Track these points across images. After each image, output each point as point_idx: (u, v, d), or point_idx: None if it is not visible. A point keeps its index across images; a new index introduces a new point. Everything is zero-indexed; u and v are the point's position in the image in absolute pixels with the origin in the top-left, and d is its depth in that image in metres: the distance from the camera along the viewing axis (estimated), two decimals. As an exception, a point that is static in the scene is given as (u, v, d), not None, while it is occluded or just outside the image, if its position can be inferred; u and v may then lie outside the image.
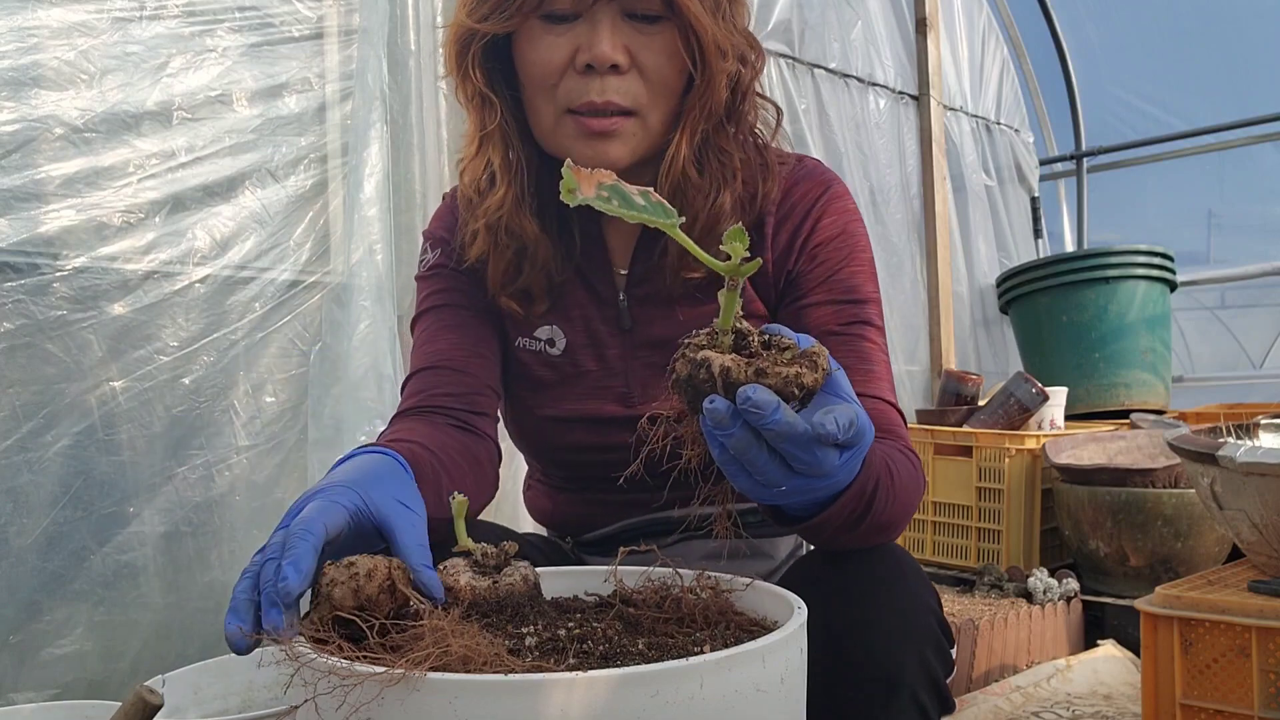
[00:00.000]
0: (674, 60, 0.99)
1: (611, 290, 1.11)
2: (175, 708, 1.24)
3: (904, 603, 0.88)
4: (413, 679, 0.57)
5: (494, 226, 1.05)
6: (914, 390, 3.41)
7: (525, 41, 0.99)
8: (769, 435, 0.66)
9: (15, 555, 1.53)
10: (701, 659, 0.59)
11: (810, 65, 3.09)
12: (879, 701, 0.85)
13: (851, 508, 0.81)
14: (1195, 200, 4.19)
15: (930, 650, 0.88)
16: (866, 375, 1.02)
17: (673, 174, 1.02)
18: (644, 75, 0.99)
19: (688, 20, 0.96)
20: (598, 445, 1.12)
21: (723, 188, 1.03)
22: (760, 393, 0.64)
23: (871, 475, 0.81)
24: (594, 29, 0.96)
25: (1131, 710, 1.92)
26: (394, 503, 0.77)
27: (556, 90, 0.99)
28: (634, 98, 0.99)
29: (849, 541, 0.88)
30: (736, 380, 0.66)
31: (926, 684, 0.87)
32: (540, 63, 0.99)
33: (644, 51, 0.98)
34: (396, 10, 1.98)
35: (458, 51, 1.03)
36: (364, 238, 1.86)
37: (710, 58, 0.99)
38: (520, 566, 0.75)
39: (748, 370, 0.66)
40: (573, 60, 0.97)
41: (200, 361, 1.73)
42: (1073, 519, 2.42)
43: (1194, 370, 4.00)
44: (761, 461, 0.67)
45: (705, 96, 1.01)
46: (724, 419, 0.65)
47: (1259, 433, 1.80)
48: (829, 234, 1.07)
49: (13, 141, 1.54)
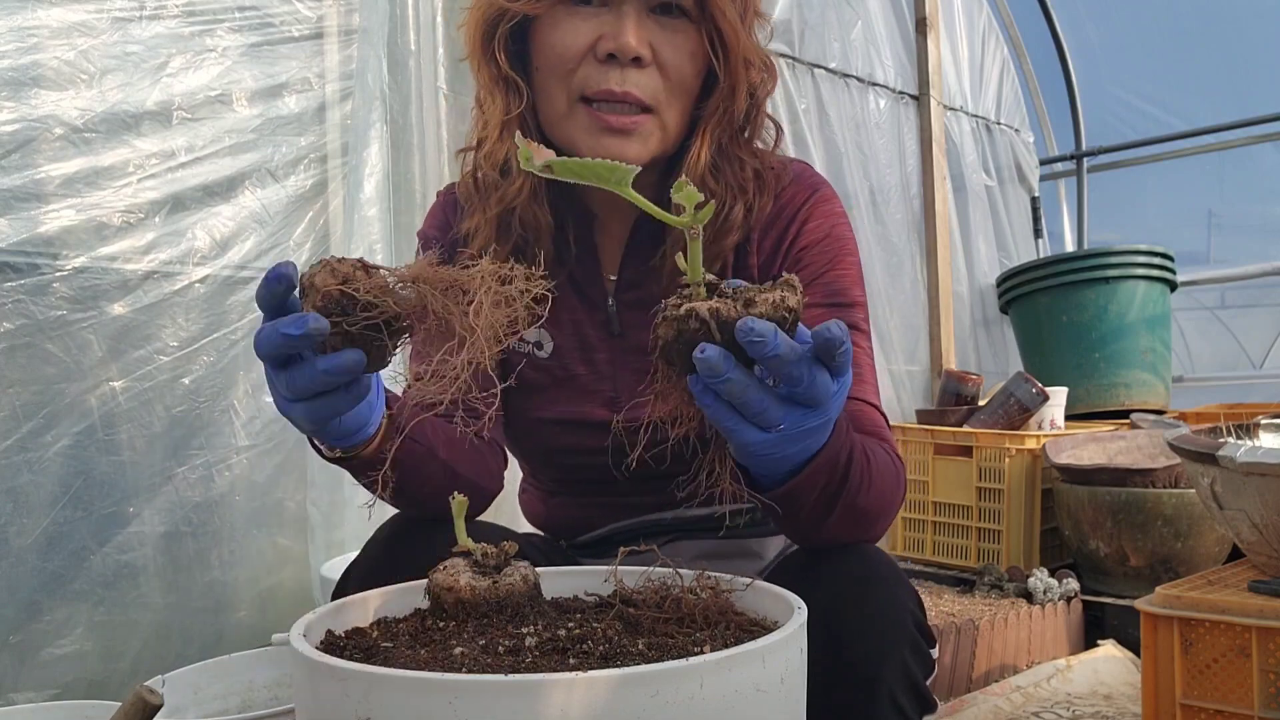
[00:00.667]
0: (694, 60, 0.99)
1: (601, 295, 1.11)
2: (175, 708, 1.24)
3: (881, 605, 0.88)
4: (413, 678, 0.57)
5: (507, 216, 1.04)
6: (914, 390, 3.41)
7: (549, 23, 0.98)
8: (773, 363, 0.66)
9: (15, 555, 1.53)
10: (701, 659, 0.59)
11: (810, 65, 3.09)
12: (858, 703, 0.85)
13: (827, 476, 0.81)
14: (1195, 200, 4.19)
15: (908, 651, 0.88)
16: (853, 379, 1.01)
17: (692, 179, 1.00)
18: (664, 71, 0.98)
19: (717, 24, 0.96)
20: (586, 448, 1.12)
21: (736, 198, 1.03)
22: (759, 322, 0.65)
23: (845, 443, 0.81)
24: (620, 19, 0.96)
25: (1131, 710, 1.92)
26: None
27: (573, 76, 0.98)
28: (653, 93, 0.98)
29: (829, 530, 0.88)
30: (729, 317, 0.66)
31: (905, 685, 0.87)
32: (561, 45, 0.98)
33: (666, 48, 0.97)
34: (396, 10, 1.98)
35: (484, 33, 1.01)
36: (364, 238, 1.86)
37: (736, 64, 0.99)
38: (520, 566, 0.75)
39: (737, 306, 0.66)
40: (594, 47, 0.97)
41: (200, 361, 1.73)
42: (1073, 519, 2.42)
43: (1194, 370, 4.00)
44: (758, 400, 0.68)
45: (728, 102, 1.00)
46: (718, 365, 0.66)
47: (1259, 433, 1.80)
48: (815, 237, 1.06)
49: (13, 141, 1.54)
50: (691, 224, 0.69)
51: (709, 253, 1.03)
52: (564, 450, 1.14)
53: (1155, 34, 4.12)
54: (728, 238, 1.03)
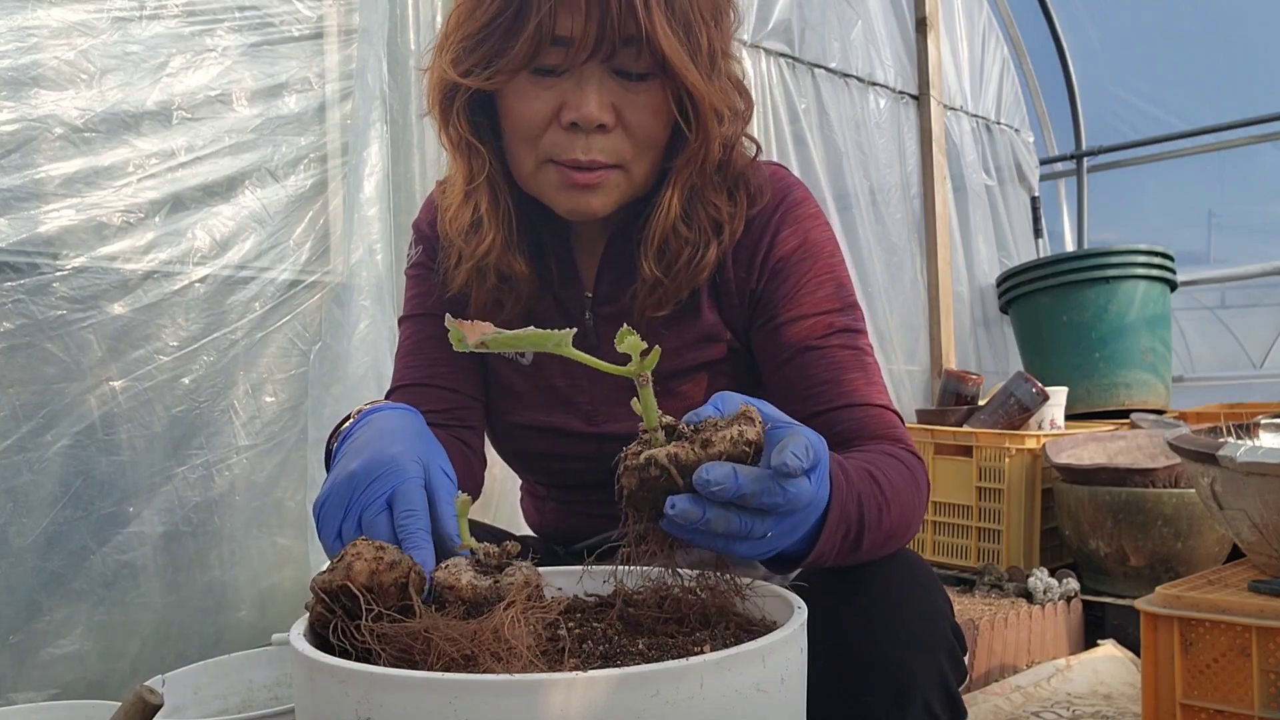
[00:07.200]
0: (659, 116, 0.97)
1: (579, 309, 1.11)
2: (175, 708, 1.24)
3: (920, 610, 0.88)
4: (413, 678, 0.57)
5: (483, 268, 1.05)
6: (914, 390, 3.40)
7: (511, 92, 0.97)
8: (742, 500, 0.66)
9: (15, 555, 1.53)
10: (701, 659, 0.59)
11: (810, 65, 3.09)
12: (892, 709, 0.85)
13: (843, 532, 0.80)
14: (1195, 200, 4.19)
15: (944, 657, 0.87)
16: (855, 383, 1.00)
17: (661, 230, 1.00)
18: (629, 132, 0.96)
19: (684, 84, 0.94)
20: (565, 455, 1.13)
21: (710, 240, 1.02)
22: (714, 470, 0.64)
23: (851, 495, 0.80)
24: (580, 86, 0.93)
25: (1131, 710, 1.92)
26: (443, 475, 0.84)
27: (539, 141, 0.97)
28: (619, 154, 0.97)
29: (861, 559, 0.87)
30: (688, 462, 0.65)
31: (940, 692, 0.87)
32: (524, 115, 0.96)
33: (630, 110, 0.95)
34: (396, 10, 1.98)
35: (441, 100, 1.00)
36: (364, 237, 1.86)
37: (707, 121, 0.96)
38: (522, 566, 0.75)
39: (693, 449, 0.66)
40: (558, 115, 0.95)
41: (200, 361, 1.73)
42: (1073, 519, 2.42)
43: (1194, 370, 4.00)
44: (741, 525, 0.67)
45: (699, 156, 0.99)
46: (691, 513, 0.65)
47: (1259, 433, 1.80)
48: (790, 246, 1.04)
49: (13, 141, 1.54)
50: (638, 372, 0.68)
51: (681, 293, 1.03)
52: (543, 455, 1.16)
53: (1155, 34, 4.12)
54: (699, 277, 1.02)
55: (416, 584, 0.70)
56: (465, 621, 0.66)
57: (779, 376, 1.03)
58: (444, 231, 1.09)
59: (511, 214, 1.04)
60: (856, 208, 3.20)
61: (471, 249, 1.04)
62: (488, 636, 0.63)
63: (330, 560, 0.76)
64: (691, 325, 1.07)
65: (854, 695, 0.85)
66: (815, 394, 1.00)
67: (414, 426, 0.89)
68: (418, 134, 2.01)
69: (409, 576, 0.70)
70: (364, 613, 0.66)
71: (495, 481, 1.97)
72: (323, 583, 0.68)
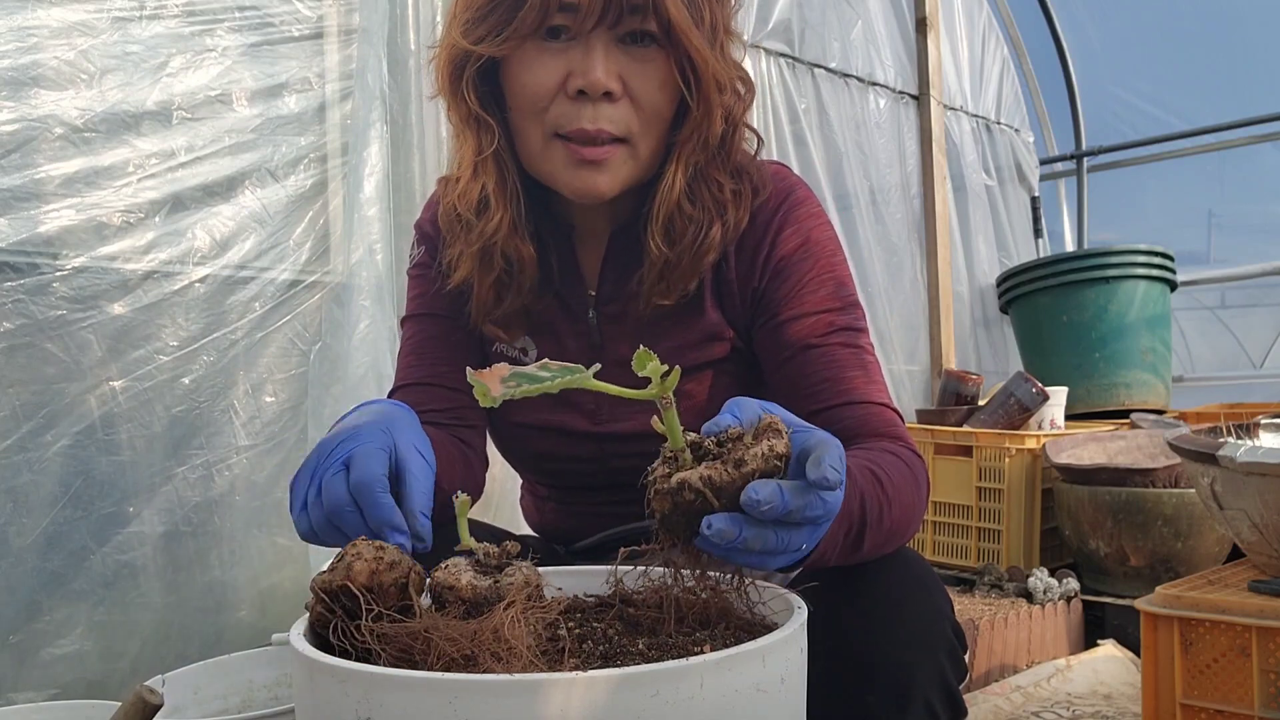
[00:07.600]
0: (666, 89, 0.97)
1: (582, 308, 1.11)
2: (175, 708, 1.24)
3: (920, 609, 0.88)
4: (413, 678, 0.57)
5: (488, 251, 1.04)
6: (914, 390, 3.40)
7: (517, 63, 0.97)
8: (788, 517, 0.65)
9: (15, 555, 1.53)
10: (701, 659, 0.59)
11: (810, 65, 3.09)
12: (893, 708, 0.85)
13: (845, 530, 0.80)
14: (1195, 200, 4.19)
15: (945, 657, 0.87)
16: (855, 381, 1.00)
17: (666, 206, 1.00)
18: (636, 103, 0.97)
19: (687, 51, 0.95)
20: (568, 455, 1.13)
21: (714, 220, 1.02)
22: (761, 490, 0.63)
23: (854, 493, 0.80)
24: (588, 53, 0.94)
25: (1131, 710, 1.92)
26: (413, 450, 0.84)
27: (546, 114, 0.97)
28: (626, 125, 0.97)
29: (861, 557, 0.87)
30: (722, 484, 0.64)
31: (941, 692, 0.87)
32: (532, 85, 0.97)
33: (637, 79, 0.96)
34: (396, 10, 1.98)
35: (451, 73, 1.01)
36: (364, 237, 1.86)
37: (708, 90, 0.97)
38: (522, 567, 0.75)
39: (726, 470, 0.65)
40: (564, 84, 0.95)
41: (200, 361, 1.73)
42: (1073, 519, 2.42)
43: (1194, 370, 4.00)
44: (778, 540, 0.66)
45: (701, 129, 0.99)
46: (729, 532, 0.64)
47: (1259, 433, 1.80)
48: (792, 245, 1.04)
49: (13, 141, 1.54)
50: (660, 394, 0.67)
51: (688, 277, 1.03)
52: (547, 456, 1.15)
53: (1155, 34, 4.12)
54: (705, 258, 1.02)
55: (416, 584, 0.70)
56: (465, 621, 0.66)
57: (780, 375, 1.03)
58: (448, 218, 1.08)
59: (519, 194, 1.04)
60: (856, 208, 3.20)
61: (479, 229, 1.04)
62: (488, 636, 0.63)
63: (297, 529, 0.81)
64: (694, 324, 1.07)
65: (854, 695, 0.85)
66: (816, 392, 1.00)
67: (396, 412, 0.89)
68: (418, 134, 2.01)
69: (409, 576, 0.70)
70: (364, 613, 0.66)
71: (495, 481, 1.97)
72: (322, 583, 0.69)
